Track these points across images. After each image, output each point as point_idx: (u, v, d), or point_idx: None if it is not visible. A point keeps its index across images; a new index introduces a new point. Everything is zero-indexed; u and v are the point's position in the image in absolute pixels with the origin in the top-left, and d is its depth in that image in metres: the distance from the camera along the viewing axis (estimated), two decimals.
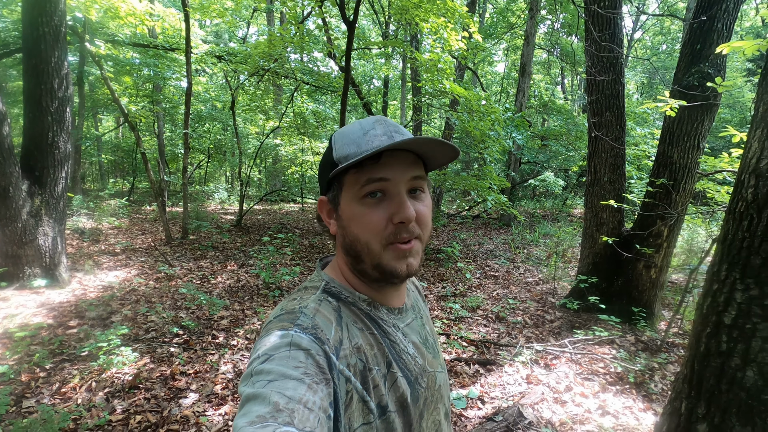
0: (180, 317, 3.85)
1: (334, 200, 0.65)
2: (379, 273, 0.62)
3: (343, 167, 0.59)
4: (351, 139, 0.62)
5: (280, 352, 0.51)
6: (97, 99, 12.28)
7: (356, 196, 0.61)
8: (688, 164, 3.70)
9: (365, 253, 0.62)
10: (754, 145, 1.48)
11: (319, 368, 0.51)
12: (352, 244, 0.63)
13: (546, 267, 6.28)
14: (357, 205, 0.61)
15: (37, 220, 4.28)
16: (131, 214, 9.78)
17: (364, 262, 0.62)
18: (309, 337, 0.54)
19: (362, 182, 0.60)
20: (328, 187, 0.66)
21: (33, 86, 4.24)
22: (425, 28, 6.00)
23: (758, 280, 1.40)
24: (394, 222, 0.60)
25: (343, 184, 0.62)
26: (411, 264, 0.62)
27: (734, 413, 1.44)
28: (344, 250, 0.65)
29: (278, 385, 0.47)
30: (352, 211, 0.61)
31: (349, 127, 0.65)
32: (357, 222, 0.61)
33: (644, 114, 8.79)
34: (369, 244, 0.61)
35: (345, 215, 0.63)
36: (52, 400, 2.52)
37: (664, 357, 3.25)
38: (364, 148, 0.60)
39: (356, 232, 0.61)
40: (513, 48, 18.43)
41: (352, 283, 0.67)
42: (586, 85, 4.47)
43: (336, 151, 0.63)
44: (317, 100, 10.51)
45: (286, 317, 0.57)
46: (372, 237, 0.60)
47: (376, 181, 0.60)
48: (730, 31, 3.51)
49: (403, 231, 0.60)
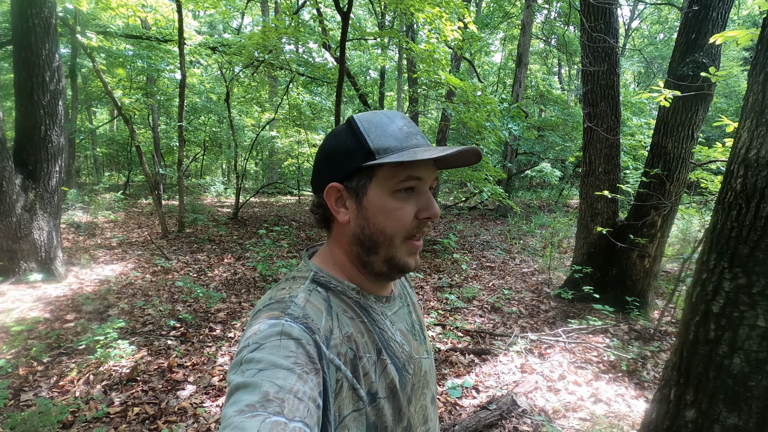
0: (177, 310, 3.86)
1: (357, 189, 0.63)
2: (388, 267, 0.64)
3: (397, 161, 0.59)
4: (387, 131, 0.62)
5: (270, 341, 0.51)
6: (90, 91, 12.14)
7: (390, 189, 0.62)
8: (682, 154, 3.71)
9: (386, 245, 0.63)
10: (743, 136, 1.49)
11: (309, 358, 0.52)
12: (372, 236, 0.63)
13: (541, 257, 6.32)
14: (389, 198, 0.62)
15: (31, 215, 4.27)
16: (127, 208, 9.75)
17: (378, 254, 0.64)
18: (300, 326, 0.54)
19: (401, 177, 0.61)
20: (348, 175, 0.63)
21: (24, 79, 4.20)
22: (421, 18, 5.96)
23: (746, 269, 1.42)
24: (421, 217, 0.63)
25: (375, 175, 0.62)
26: (418, 260, 0.67)
27: (721, 399, 1.47)
28: (356, 240, 0.65)
29: (268, 375, 0.47)
30: (384, 204, 0.62)
31: (377, 117, 0.64)
32: (387, 214, 0.62)
33: (640, 104, 8.78)
34: (394, 236, 0.63)
35: (372, 206, 0.62)
36: (50, 393, 2.54)
37: (656, 345, 3.29)
38: (404, 144, 0.62)
39: (384, 224, 0.62)
40: (510, 38, 18.31)
41: (344, 272, 0.67)
42: (582, 75, 4.46)
43: (372, 141, 0.61)
44: (313, 92, 10.45)
45: (276, 306, 0.58)
46: (399, 230, 0.62)
47: (414, 179, 0.62)
48: (725, 20, 3.50)
49: (424, 226, 0.64)
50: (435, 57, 6.27)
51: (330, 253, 0.69)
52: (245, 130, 13.85)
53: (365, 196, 0.63)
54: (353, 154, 0.62)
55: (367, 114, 0.65)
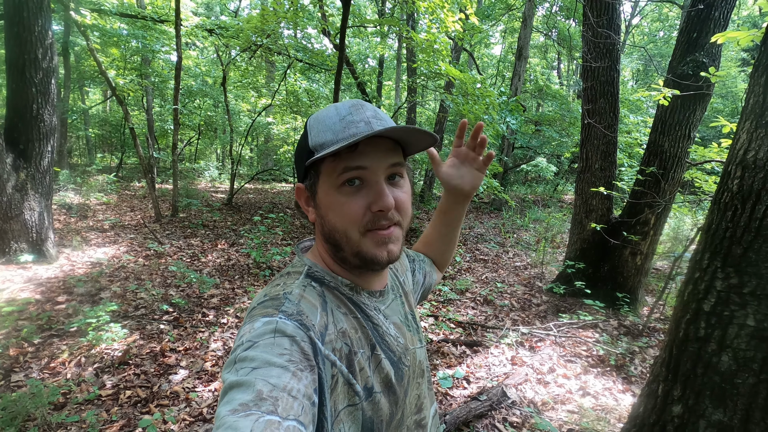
0: (170, 295, 3.85)
1: (311, 188, 0.64)
2: (359, 260, 0.62)
3: (319, 156, 0.58)
4: (326, 125, 0.60)
5: (264, 339, 0.51)
6: (83, 71, 11.90)
7: (334, 185, 0.60)
8: (678, 153, 3.74)
9: (344, 241, 0.61)
10: (742, 137, 1.50)
11: (304, 355, 0.51)
12: (330, 233, 0.62)
13: (535, 252, 6.37)
14: (335, 193, 0.60)
15: (22, 195, 4.21)
16: (120, 191, 9.64)
17: (344, 250, 0.62)
18: (294, 323, 0.54)
19: (339, 171, 0.59)
20: (305, 175, 0.64)
21: (16, 56, 4.11)
22: (422, 7, 5.88)
23: (738, 269, 1.44)
24: (373, 210, 0.60)
25: (320, 172, 0.61)
26: (392, 250, 0.62)
27: (708, 396, 1.50)
28: (323, 238, 0.65)
29: (262, 373, 0.47)
30: (330, 200, 0.61)
31: (324, 111, 0.63)
32: (335, 211, 0.61)
33: (638, 102, 8.80)
34: (347, 232, 0.60)
35: (322, 204, 0.62)
36: (41, 375, 2.53)
37: (645, 341, 3.34)
38: (341, 136, 0.59)
39: (334, 220, 0.61)
40: (510, 30, 18.19)
41: (333, 268, 0.67)
42: (582, 71, 4.45)
43: (311, 138, 0.61)
44: (311, 78, 10.31)
45: (270, 303, 0.57)
46: (350, 225, 0.60)
47: (353, 170, 0.59)
48: (727, 20, 3.50)
49: (381, 219, 0.60)
50: (435, 47, 6.22)
51: (317, 250, 0.69)
52: (241, 115, 13.69)
53: (317, 195, 0.63)
54: (303, 154, 0.63)
55: (321, 110, 0.64)
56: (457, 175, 0.87)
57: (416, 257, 0.95)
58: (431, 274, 0.97)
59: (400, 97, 13.62)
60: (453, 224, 0.96)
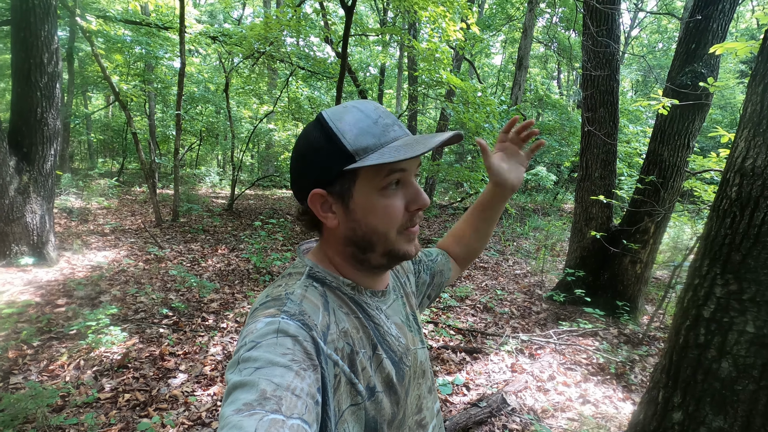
0: (170, 299, 3.85)
1: (342, 193, 0.61)
2: (388, 259, 0.64)
3: (379, 162, 0.56)
4: (362, 128, 0.59)
5: (267, 339, 0.51)
6: (86, 76, 11.99)
7: (376, 188, 0.60)
8: (677, 163, 3.76)
9: (381, 242, 0.62)
10: (740, 145, 1.52)
11: (307, 354, 0.51)
12: (365, 236, 0.62)
13: (535, 260, 6.37)
14: (377, 196, 0.60)
15: (24, 198, 4.22)
16: (121, 195, 9.66)
17: (375, 251, 0.63)
18: (296, 323, 0.54)
19: (384, 173, 0.59)
20: (329, 180, 0.61)
21: (22, 60, 4.15)
22: (424, 16, 5.95)
23: (737, 275, 1.45)
24: (412, 209, 0.63)
25: (358, 176, 0.60)
26: (417, 245, 0.66)
27: (708, 402, 1.50)
28: (348, 242, 0.64)
29: (265, 373, 0.47)
30: (372, 203, 0.61)
31: (347, 112, 0.61)
32: (377, 213, 0.61)
33: (637, 111, 8.86)
34: (388, 233, 0.62)
35: (360, 208, 0.61)
36: (39, 377, 2.52)
37: (645, 350, 3.34)
38: (383, 140, 0.59)
39: (375, 223, 0.61)
40: (511, 41, 18.37)
41: (338, 269, 0.67)
42: (582, 80, 4.49)
43: (349, 142, 0.58)
44: (312, 86, 10.40)
45: (272, 304, 0.57)
46: (391, 226, 0.62)
47: (398, 172, 0.60)
48: (725, 32, 3.54)
49: (415, 217, 0.64)
50: (436, 56, 6.28)
51: (323, 253, 0.69)
52: (242, 122, 13.77)
53: (351, 200, 0.61)
54: (331, 158, 0.59)
55: (338, 110, 0.62)
56: (506, 169, 0.90)
57: (424, 257, 0.93)
58: (443, 273, 0.95)
59: (401, 105, 13.72)
60: (491, 220, 0.96)
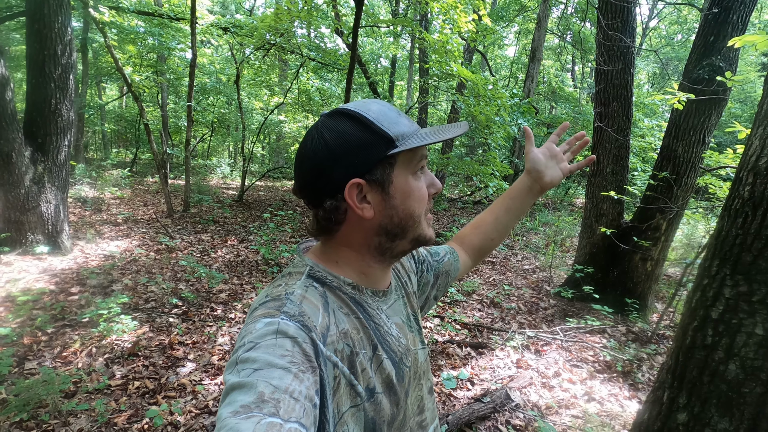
0: (179, 289, 3.91)
1: (382, 180, 0.62)
2: (414, 244, 0.68)
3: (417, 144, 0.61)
4: (391, 118, 0.63)
5: (266, 340, 0.50)
6: (100, 67, 12.13)
7: (412, 171, 0.65)
8: (691, 159, 3.68)
9: (414, 225, 0.66)
10: (755, 143, 1.47)
11: (306, 356, 0.51)
12: (402, 221, 0.65)
13: (544, 255, 6.32)
14: (413, 180, 0.65)
15: (39, 187, 4.31)
16: (133, 185, 9.81)
17: (406, 236, 0.66)
18: (296, 324, 0.53)
19: (418, 158, 0.65)
20: (367, 168, 0.61)
21: (36, 51, 4.20)
22: (435, 7, 5.88)
23: (748, 276, 1.42)
24: (431, 192, 0.68)
25: (396, 162, 0.63)
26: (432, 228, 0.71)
27: (714, 404, 1.48)
28: (382, 231, 0.65)
29: (264, 374, 0.46)
30: (410, 186, 0.64)
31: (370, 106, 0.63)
32: (414, 196, 0.65)
33: (653, 105, 8.67)
34: (421, 215, 0.66)
35: (400, 192, 0.64)
36: (53, 363, 2.59)
37: (653, 348, 3.30)
38: (412, 128, 0.65)
39: (413, 206, 0.65)
40: (524, 32, 18.04)
41: (343, 269, 0.66)
42: (595, 73, 4.40)
43: (389, 130, 0.61)
44: (323, 78, 10.37)
45: (272, 304, 0.57)
46: (423, 208, 0.66)
47: (425, 158, 0.66)
48: (746, 24, 3.43)
49: (432, 200, 0.70)
50: (448, 48, 6.21)
51: (331, 253, 0.67)
52: (253, 113, 13.83)
53: (391, 185, 0.63)
54: (372, 146, 0.61)
55: (359, 104, 0.64)
56: (545, 163, 0.92)
57: (429, 257, 0.91)
58: (449, 274, 0.94)
59: (412, 98, 13.63)
60: (515, 213, 0.96)
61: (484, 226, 0.97)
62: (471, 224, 1.00)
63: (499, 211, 0.96)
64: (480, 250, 0.99)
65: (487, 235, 0.97)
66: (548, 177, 0.92)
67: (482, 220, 0.98)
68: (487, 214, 0.98)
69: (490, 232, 0.97)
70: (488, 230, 0.97)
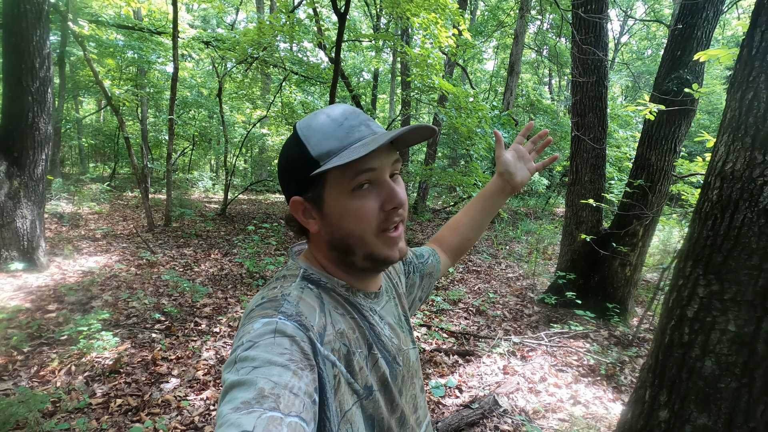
0: (162, 304, 3.83)
1: (315, 199, 0.62)
2: (371, 263, 0.64)
3: (337, 164, 0.56)
4: (326, 133, 0.60)
5: (264, 339, 0.51)
6: (78, 80, 11.93)
7: (345, 191, 0.60)
8: (664, 167, 3.83)
9: (359, 245, 0.62)
10: (720, 149, 1.57)
11: (304, 354, 0.52)
12: (343, 239, 0.63)
13: (527, 263, 6.42)
14: (347, 199, 0.60)
15: (15, 203, 4.19)
16: (112, 200, 9.60)
17: (356, 254, 0.63)
18: (293, 324, 0.54)
19: (350, 176, 0.59)
20: (303, 187, 0.62)
21: (13, 64, 4.13)
22: (416, 22, 6.02)
23: (719, 276, 1.50)
24: (387, 209, 0.61)
25: (327, 181, 0.61)
26: (402, 248, 0.65)
27: (693, 400, 1.54)
28: (330, 246, 0.65)
29: (263, 372, 0.47)
30: (343, 206, 0.61)
31: (315, 119, 0.62)
32: (349, 216, 0.61)
33: (627, 117, 8.99)
34: (364, 235, 0.62)
35: (333, 212, 0.62)
36: (30, 383, 2.50)
37: (634, 351, 3.38)
38: (347, 141, 0.59)
39: (350, 226, 0.61)
40: (503, 46, 18.56)
41: (330, 271, 0.68)
42: (571, 86, 4.57)
43: (313, 148, 0.59)
44: (306, 91, 10.43)
45: (269, 305, 0.57)
46: (366, 228, 0.61)
47: (365, 172, 0.59)
48: (709, 39, 3.63)
49: (394, 216, 0.63)
50: (429, 62, 6.35)
51: (313, 257, 0.69)
52: (236, 127, 13.75)
53: (324, 204, 0.62)
54: (301, 165, 0.61)
55: (308, 118, 0.63)
56: (515, 165, 0.96)
57: (414, 259, 0.94)
58: (432, 275, 0.97)
59: (394, 110, 13.79)
60: (489, 213, 1.00)
61: (461, 227, 1.02)
62: (447, 226, 1.04)
63: (475, 212, 1.01)
64: (458, 249, 1.03)
65: (465, 235, 1.02)
66: (519, 178, 0.96)
67: (459, 222, 1.02)
68: (462, 215, 1.02)
69: (467, 232, 1.02)
70: (465, 231, 1.02)
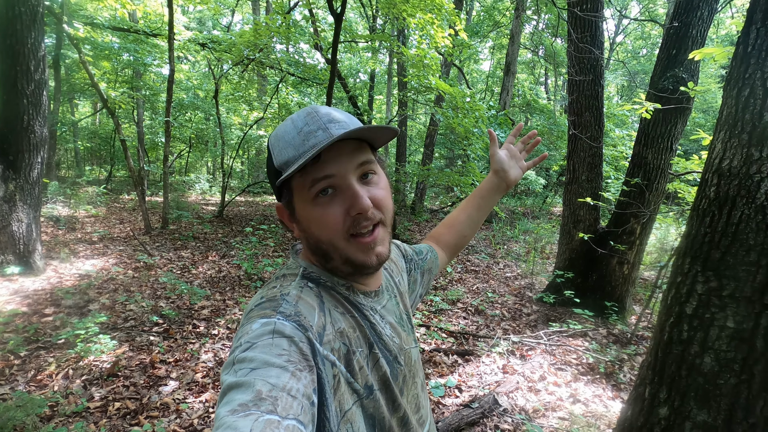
0: (160, 306, 3.82)
1: (289, 206, 0.64)
2: (351, 267, 0.64)
3: (286, 176, 0.58)
4: (286, 141, 0.60)
5: (262, 340, 0.51)
6: (73, 83, 11.87)
7: (307, 199, 0.60)
8: (661, 165, 3.85)
9: (332, 250, 0.62)
10: (717, 147, 1.57)
11: (303, 355, 0.51)
12: (318, 245, 0.63)
13: (525, 262, 6.43)
14: (310, 207, 0.61)
15: (10, 206, 4.16)
16: (109, 203, 9.56)
17: (334, 259, 0.63)
18: (292, 324, 0.54)
19: (308, 185, 0.59)
20: (278, 194, 0.65)
21: (8, 67, 4.11)
22: (412, 23, 6.03)
23: (717, 272, 1.50)
24: (351, 215, 0.60)
25: (293, 189, 0.62)
26: (380, 253, 0.63)
27: (692, 397, 1.54)
28: (311, 251, 0.66)
29: (261, 373, 0.47)
30: (308, 214, 0.61)
31: (282, 127, 0.63)
32: (315, 223, 0.61)
33: (623, 116, 9.03)
34: (333, 241, 0.61)
35: (302, 219, 0.63)
36: (27, 387, 2.49)
37: (633, 349, 3.39)
38: (302, 150, 0.59)
39: (318, 233, 0.62)
40: (499, 47, 18.59)
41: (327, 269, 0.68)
42: (567, 85, 4.58)
43: (276, 158, 0.61)
44: (302, 92, 10.43)
45: (267, 305, 0.57)
46: (333, 234, 0.61)
47: (321, 180, 0.59)
48: (704, 38, 3.65)
49: (362, 220, 0.60)
50: (425, 62, 6.35)
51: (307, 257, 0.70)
52: (232, 129, 13.73)
53: (295, 211, 0.64)
54: (272, 174, 0.64)
55: (280, 125, 0.64)
56: (508, 163, 1.01)
57: (415, 256, 0.94)
58: (431, 271, 0.98)
59: (391, 111, 13.79)
60: (484, 209, 1.03)
61: (457, 224, 1.03)
62: (443, 224, 1.05)
63: (471, 210, 1.03)
64: (455, 246, 1.05)
65: (461, 232, 1.04)
66: (512, 175, 1.01)
67: (455, 219, 1.04)
68: (459, 213, 1.04)
69: (464, 229, 1.04)
70: (462, 228, 1.03)
